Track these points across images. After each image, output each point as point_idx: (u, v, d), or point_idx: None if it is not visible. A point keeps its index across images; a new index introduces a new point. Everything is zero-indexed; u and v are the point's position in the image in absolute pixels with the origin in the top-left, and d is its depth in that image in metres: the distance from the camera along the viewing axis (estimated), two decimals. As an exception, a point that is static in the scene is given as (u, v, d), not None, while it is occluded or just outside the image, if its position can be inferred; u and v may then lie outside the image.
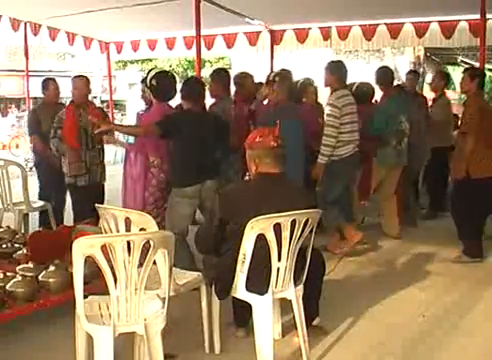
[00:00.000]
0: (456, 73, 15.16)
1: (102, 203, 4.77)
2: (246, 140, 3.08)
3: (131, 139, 5.74)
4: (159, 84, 4.29)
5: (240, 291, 2.87)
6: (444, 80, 6.48)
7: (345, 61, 5.41)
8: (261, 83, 5.82)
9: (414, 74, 7.12)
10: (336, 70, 4.86)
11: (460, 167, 4.59)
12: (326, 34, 8.49)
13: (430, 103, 6.63)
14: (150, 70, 4.52)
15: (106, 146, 5.15)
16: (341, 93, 4.79)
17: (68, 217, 5.37)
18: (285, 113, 4.51)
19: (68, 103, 5.16)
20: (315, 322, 3.23)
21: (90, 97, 5.33)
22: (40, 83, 5.79)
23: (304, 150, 4.67)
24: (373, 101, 6.05)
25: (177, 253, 2.60)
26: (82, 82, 4.93)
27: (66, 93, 5.90)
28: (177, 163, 4.09)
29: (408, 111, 5.50)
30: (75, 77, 5.06)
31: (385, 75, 5.61)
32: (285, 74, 5.00)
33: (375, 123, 5.33)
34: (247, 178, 3.92)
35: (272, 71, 5.92)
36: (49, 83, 5.72)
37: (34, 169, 6.33)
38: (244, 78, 5.60)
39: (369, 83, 5.89)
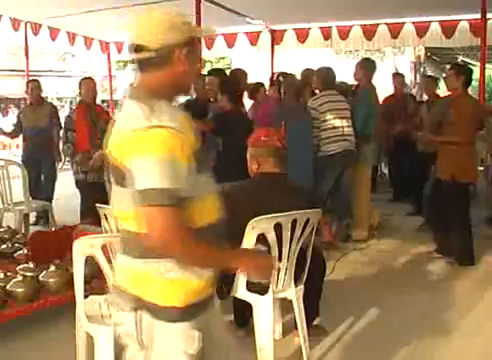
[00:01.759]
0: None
1: (107, 201, 4.80)
2: (249, 138, 3.06)
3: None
4: None
5: (241, 291, 2.87)
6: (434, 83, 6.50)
7: (345, 61, 5.50)
8: (262, 84, 5.82)
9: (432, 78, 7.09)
10: (321, 74, 4.99)
11: (446, 168, 4.52)
12: (327, 34, 8.50)
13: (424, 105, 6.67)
14: None
15: None
16: (320, 94, 4.88)
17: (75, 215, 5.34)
18: (293, 113, 4.55)
19: (77, 104, 5.27)
20: (315, 322, 3.23)
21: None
22: (45, 83, 6.06)
23: (313, 149, 4.70)
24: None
25: None
26: (90, 83, 5.03)
27: (66, 93, 5.98)
28: (229, 160, 4.15)
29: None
30: (83, 79, 5.18)
31: (373, 67, 5.58)
32: (290, 74, 5.07)
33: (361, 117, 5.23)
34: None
35: (273, 72, 5.97)
36: (29, 84, 6.02)
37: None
38: (242, 74, 5.61)
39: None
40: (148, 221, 1.40)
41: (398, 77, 7.26)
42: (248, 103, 5.79)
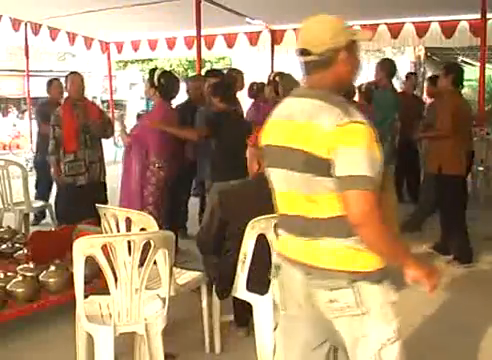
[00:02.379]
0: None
1: (105, 202, 4.75)
2: (250, 138, 3.04)
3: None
4: (168, 83, 4.30)
5: (241, 291, 2.87)
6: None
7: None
8: (263, 83, 5.83)
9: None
10: None
11: (433, 161, 4.65)
12: (326, 34, 8.50)
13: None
14: (153, 70, 4.50)
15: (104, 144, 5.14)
16: None
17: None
18: None
19: (63, 101, 5.12)
20: (315, 322, 3.23)
21: (90, 97, 5.34)
22: (45, 83, 5.94)
23: None
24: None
25: None
26: (77, 78, 4.88)
27: (66, 93, 5.90)
28: (219, 158, 4.17)
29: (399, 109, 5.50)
30: (70, 73, 5.00)
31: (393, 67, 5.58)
32: (286, 73, 5.05)
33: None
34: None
35: (272, 71, 5.98)
36: (53, 83, 5.82)
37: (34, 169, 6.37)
38: (237, 74, 5.62)
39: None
40: (352, 203, 1.59)
41: (412, 77, 7.24)
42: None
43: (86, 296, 2.50)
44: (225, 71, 6.04)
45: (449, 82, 4.55)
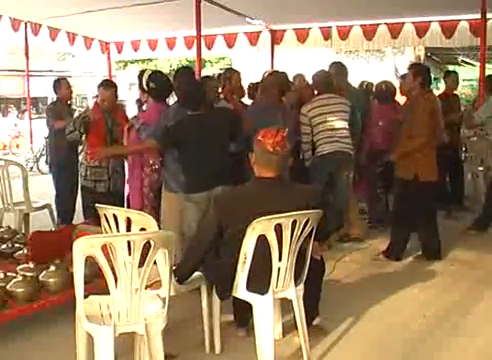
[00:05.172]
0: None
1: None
2: (257, 141, 2.92)
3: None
4: (158, 86, 4.24)
5: (241, 291, 2.87)
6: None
7: (345, 61, 5.48)
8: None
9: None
10: (317, 78, 5.11)
11: (408, 168, 4.51)
12: (326, 34, 8.52)
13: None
14: (140, 74, 4.41)
15: None
16: (315, 99, 5.01)
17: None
18: (266, 113, 4.51)
19: (93, 104, 5.01)
20: (315, 322, 3.23)
21: (91, 97, 5.30)
22: (44, 83, 5.87)
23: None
24: None
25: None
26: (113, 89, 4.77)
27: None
28: (184, 169, 3.92)
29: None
30: (105, 81, 4.96)
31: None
32: (275, 73, 5.08)
33: None
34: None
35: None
36: (61, 83, 5.74)
37: (47, 170, 6.18)
38: (233, 73, 5.63)
39: (388, 81, 5.92)
40: None
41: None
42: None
43: (86, 296, 2.50)
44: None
45: (418, 84, 4.48)
